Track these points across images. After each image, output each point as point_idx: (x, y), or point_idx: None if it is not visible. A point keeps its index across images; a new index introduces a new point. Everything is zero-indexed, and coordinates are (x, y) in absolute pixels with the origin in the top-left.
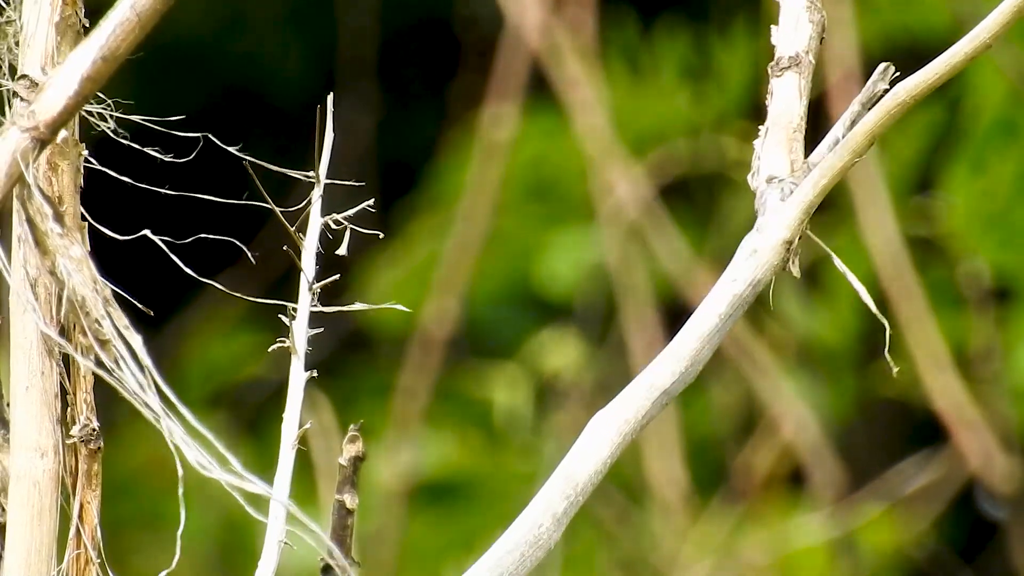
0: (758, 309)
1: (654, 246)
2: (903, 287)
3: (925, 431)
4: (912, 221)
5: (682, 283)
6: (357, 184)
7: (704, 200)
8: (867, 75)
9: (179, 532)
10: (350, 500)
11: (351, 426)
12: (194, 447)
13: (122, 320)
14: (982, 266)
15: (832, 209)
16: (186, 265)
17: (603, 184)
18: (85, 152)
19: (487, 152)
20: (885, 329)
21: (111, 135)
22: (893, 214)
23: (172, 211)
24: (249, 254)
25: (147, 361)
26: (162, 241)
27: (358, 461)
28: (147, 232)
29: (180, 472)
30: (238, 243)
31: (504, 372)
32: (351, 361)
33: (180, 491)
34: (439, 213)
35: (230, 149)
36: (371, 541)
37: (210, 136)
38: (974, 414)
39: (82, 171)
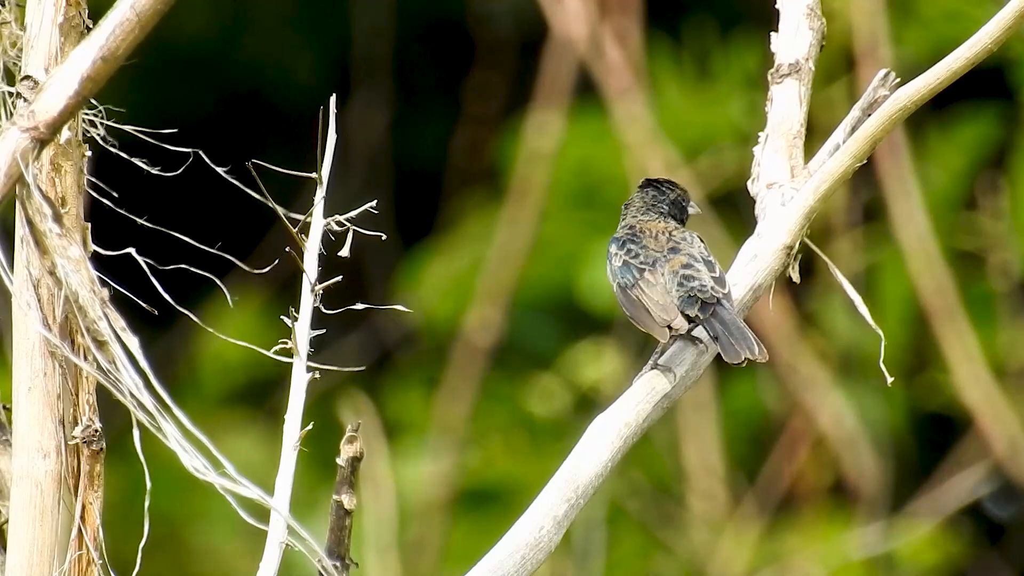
0: (805, 320)
1: None
2: (942, 297)
3: (967, 442)
4: (956, 234)
5: None
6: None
7: (749, 210)
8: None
9: (141, 545)
10: (348, 500)
11: (348, 427)
12: (190, 450)
13: (119, 321)
14: (1014, 261)
15: (879, 222)
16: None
17: None
18: (88, 153)
19: (533, 158)
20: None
21: (100, 143)
22: (937, 227)
23: (180, 213)
24: (227, 293)
25: (143, 363)
26: (148, 262)
27: (356, 462)
28: (131, 251)
29: (149, 486)
30: (217, 281)
31: (545, 382)
32: (396, 365)
33: (147, 505)
34: (484, 217)
35: (219, 170)
36: (412, 546)
37: (200, 153)
38: (1001, 406)
39: (85, 172)
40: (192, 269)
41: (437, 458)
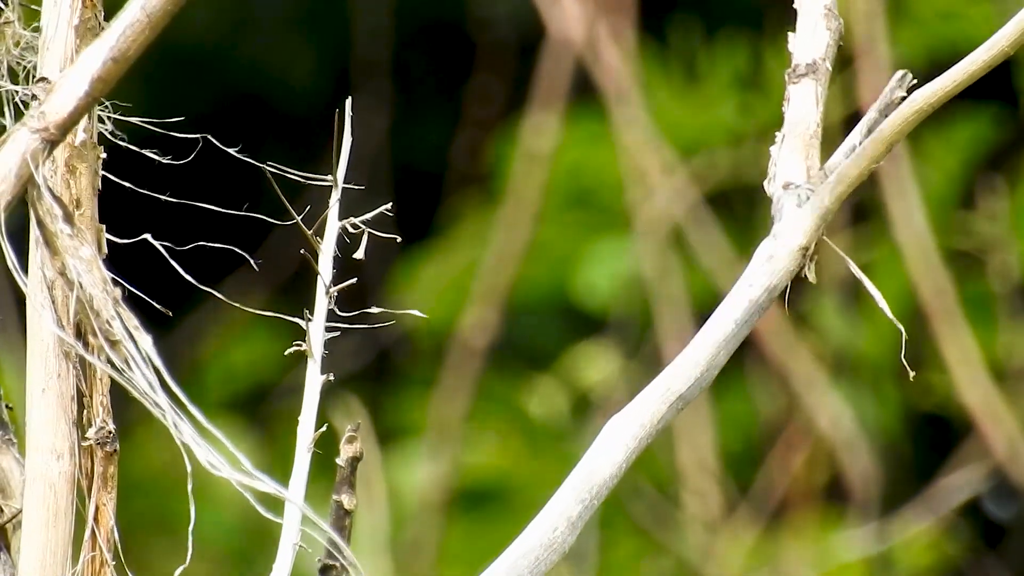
0: (799, 320)
1: (694, 256)
2: (939, 297)
3: (965, 443)
4: (953, 234)
5: (722, 294)
6: (372, 187)
7: (744, 211)
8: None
9: (190, 529)
10: (348, 500)
11: (348, 427)
12: (205, 447)
13: (132, 321)
14: (1012, 262)
15: (872, 221)
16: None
17: (643, 193)
18: (103, 155)
19: (529, 160)
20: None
21: (109, 137)
22: (933, 227)
23: (183, 213)
24: (253, 263)
25: (157, 361)
26: (169, 244)
27: (355, 462)
28: (147, 236)
29: (189, 469)
30: (243, 253)
31: (542, 383)
32: (392, 367)
33: (190, 488)
34: (481, 219)
35: (232, 152)
36: (408, 548)
37: (210, 137)
38: (1000, 407)
39: (100, 174)
40: (212, 244)
41: (433, 460)
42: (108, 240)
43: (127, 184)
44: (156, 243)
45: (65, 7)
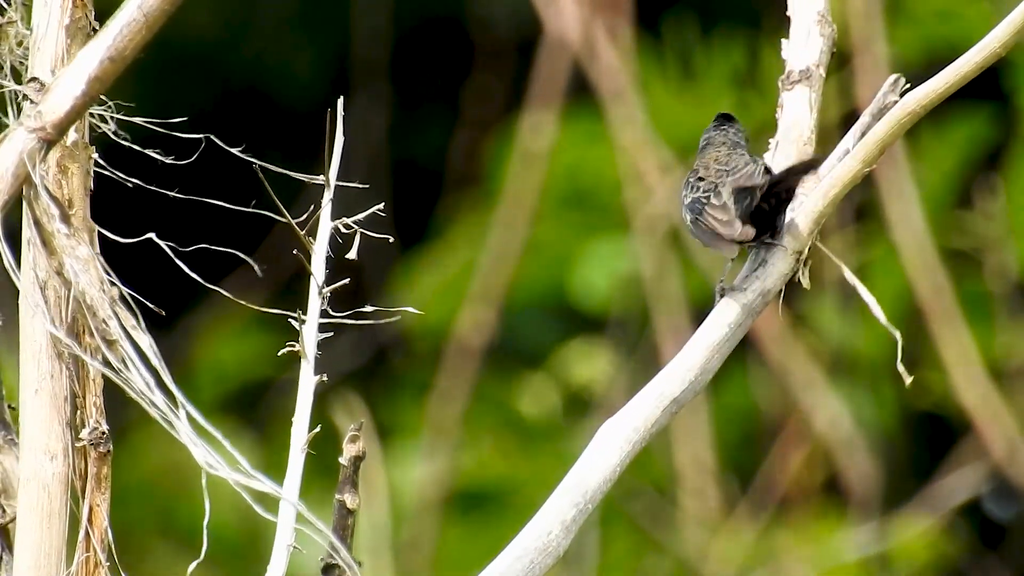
0: (797, 320)
1: (692, 255)
2: (937, 297)
3: (964, 442)
4: (950, 233)
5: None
6: (371, 186)
7: None
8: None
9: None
10: (351, 500)
11: (351, 426)
12: (202, 446)
13: (129, 320)
14: (1010, 261)
15: (870, 221)
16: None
17: (640, 192)
18: (95, 156)
19: (526, 160)
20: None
21: (112, 136)
22: (930, 226)
23: (181, 214)
24: (256, 266)
25: (155, 361)
26: (170, 245)
27: (358, 461)
28: (152, 235)
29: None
30: (245, 256)
31: (538, 381)
32: (389, 366)
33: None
34: (478, 219)
35: (234, 151)
36: (405, 548)
37: (212, 137)
38: (999, 407)
39: (92, 174)
40: (214, 248)
41: (430, 460)
42: (106, 241)
43: (132, 181)
44: (161, 242)
45: (56, 7)
